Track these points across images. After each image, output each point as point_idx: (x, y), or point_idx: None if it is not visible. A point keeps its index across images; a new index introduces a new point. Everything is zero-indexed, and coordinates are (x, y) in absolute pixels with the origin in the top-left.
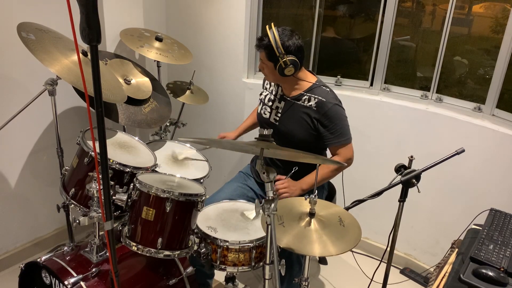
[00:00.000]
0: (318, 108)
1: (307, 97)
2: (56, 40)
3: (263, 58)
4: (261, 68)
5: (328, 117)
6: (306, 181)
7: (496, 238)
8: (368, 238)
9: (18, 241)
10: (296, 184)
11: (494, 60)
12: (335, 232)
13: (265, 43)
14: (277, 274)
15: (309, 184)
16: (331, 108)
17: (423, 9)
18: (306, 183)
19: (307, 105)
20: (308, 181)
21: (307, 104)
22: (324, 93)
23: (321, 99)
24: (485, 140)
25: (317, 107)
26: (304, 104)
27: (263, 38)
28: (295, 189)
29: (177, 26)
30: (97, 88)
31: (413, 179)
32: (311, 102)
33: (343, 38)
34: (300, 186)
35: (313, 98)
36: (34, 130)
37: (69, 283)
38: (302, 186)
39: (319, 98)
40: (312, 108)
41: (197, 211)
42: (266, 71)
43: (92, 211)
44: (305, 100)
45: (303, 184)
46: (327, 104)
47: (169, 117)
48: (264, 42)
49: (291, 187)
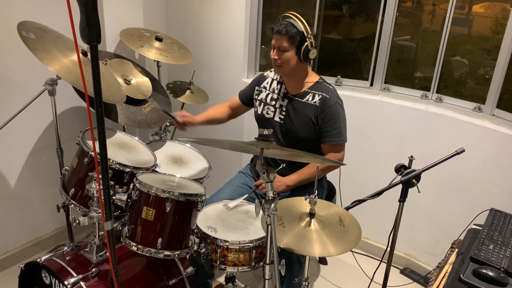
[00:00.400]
0: (320, 104)
1: (312, 94)
2: (56, 39)
3: (282, 44)
4: (276, 58)
5: (328, 114)
6: (292, 178)
7: (496, 238)
8: (368, 238)
9: (18, 241)
10: (282, 180)
11: (494, 60)
12: (335, 232)
13: (291, 24)
14: (277, 274)
15: (295, 181)
16: (333, 105)
17: (423, 9)
18: (291, 180)
19: (311, 102)
20: (294, 178)
21: (311, 101)
22: (328, 90)
23: (324, 95)
24: (485, 140)
25: (320, 103)
26: (309, 102)
27: (287, 21)
28: (279, 184)
29: (177, 26)
30: (97, 88)
31: (413, 179)
32: (315, 99)
33: (343, 38)
34: (285, 182)
35: (317, 95)
36: (34, 130)
37: (69, 283)
38: (287, 183)
39: (322, 95)
40: (316, 104)
41: (197, 211)
42: (282, 60)
43: (92, 211)
44: (310, 97)
45: (288, 181)
46: (330, 101)
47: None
48: (289, 24)
49: (276, 182)
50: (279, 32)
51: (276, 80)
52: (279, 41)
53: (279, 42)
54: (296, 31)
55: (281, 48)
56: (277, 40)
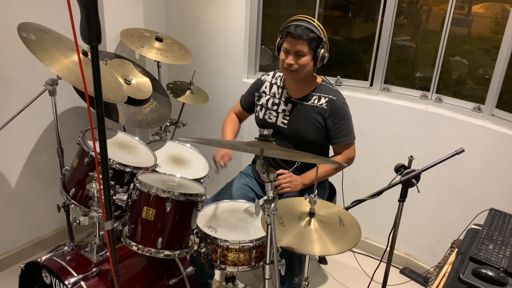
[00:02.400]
0: (329, 106)
1: (317, 96)
2: (57, 40)
3: (301, 49)
4: (293, 62)
5: (338, 116)
6: (308, 176)
7: (496, 238)
8: (368, 238)
9: (18, 241)
10: (298, 179)
11: (494, 60)
12: (335, 232)
13: (309, 29)
14: (277, 274)
15: (311, 179)
16: (341, 106)
17: (423, 9)
18: (307, 178)
19: (317, 105)
20: (309, 176)
21: (317, 103)
22: (334, 92)
23: (331, 97)
24: (485, 140)
25: (328, 105)
26: (314, 104)
27: (304, 25)
28: (297, 183)
29: (177, 26)
30: (97, 88)
31: (413, 179)
32: (322, 101)
33: (343, 38)
34: (301, 181)
35: (324, 97)
36: (34, 130)
37: (70, 282)
38: (304, 181)
39: (329, 97)
40: (323, 107)
41: (197, 211)
42: (299, 65)
43: (92, 211)
44: (315, 99)
45: (304, 179)
46: (337, 102)
47: (169, 117)
48: (308, 29)
49: (294, 182)
50: (300, 37)
51: (276, 84)
52: (298, 46)
53: (297, 46)
54: (314, 36)
55: (300, 53)
56: (295, 45)
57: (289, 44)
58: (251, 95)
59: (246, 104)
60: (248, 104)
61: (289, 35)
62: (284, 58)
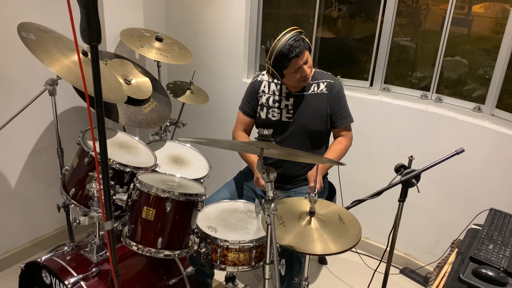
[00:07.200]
0: (329, 91)
1: (315, 84)
2: (56, 40)
3: (308, 59)
4: (308, 73)
5: (337, 98)
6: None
7: (496, 238)
8: (368, 238)
9: (18, 241)
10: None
11: (494, 60)
12: (335, 230)
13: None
14: (277, 274)
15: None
16: (339, 89)
17: (423, 9)
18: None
19: (318, 92)
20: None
21: (317, 90)
22: (329, 76)
23: (329, 81)
24: (485, 140)
25: (328, 89)
26: (315, 92)
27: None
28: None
29: (177, 26)
30: (97, 88)
31: (413, 179)
32: (321, 87)
33: (343, 38)
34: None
35: (322, 83)
36: (34, 130)
37: (69, 282)
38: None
39: (327, 81)
40: (324, 92)
41: (197, 211)
42: (309, 70)
43: (92, 211)
44: (314, 87)
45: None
46: (335, 85)
47: (169, 117)
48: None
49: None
50: (300, 50)
51: (273, 82)
52: (305, 58)
53: (305, 59)
54: (303, 38)
55: (307, 61)
56: (302, 58)
57: (296, 63)
58: (253, 99)
59: (251, 111)
60: (254, 109)
61: (289, 56)
62: (297, 75)
